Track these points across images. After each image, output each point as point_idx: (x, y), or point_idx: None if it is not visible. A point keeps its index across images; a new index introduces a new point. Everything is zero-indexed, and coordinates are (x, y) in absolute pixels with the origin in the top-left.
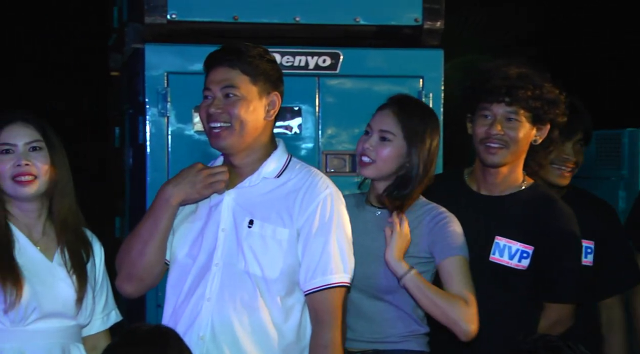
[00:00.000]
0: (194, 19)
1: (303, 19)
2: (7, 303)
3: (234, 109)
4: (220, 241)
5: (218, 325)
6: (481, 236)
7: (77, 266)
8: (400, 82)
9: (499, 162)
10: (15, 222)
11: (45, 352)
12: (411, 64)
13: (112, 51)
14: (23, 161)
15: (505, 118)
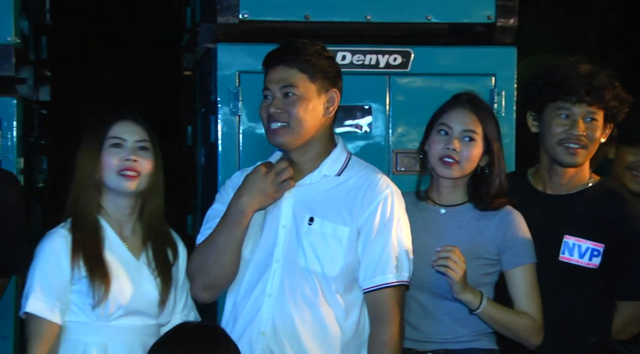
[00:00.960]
0: (266, 18)
1: (374, 18)
2: (96, 299)
3: (292, 109)
4: (280, 238)
5: (279, 321)
6: (549, 236)
7: (163, 267)
8: (472, 81)
9: (580, 162)
10: (107, 218)
11: (127, 348)
12: (483, 62)
13: (185, 51)
14: (132, 157)
15: (585, 118)
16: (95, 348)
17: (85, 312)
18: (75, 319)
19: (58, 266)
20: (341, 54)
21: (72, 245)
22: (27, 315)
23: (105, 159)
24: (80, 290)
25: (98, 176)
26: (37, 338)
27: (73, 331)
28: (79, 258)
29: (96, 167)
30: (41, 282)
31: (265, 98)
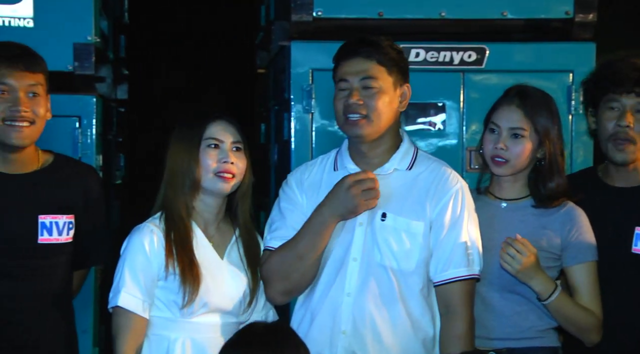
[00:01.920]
0: (339, 15)
1: (449, 14)
2: (185, 299)
3: (372, 101)
4: (357, 235)
5: (359, 320)
6: (621, 228)
7: (252, 266)
8: (549, 77)
9: (630, 159)
10: (196, 216)
11: (207, 345)
12: (561, 58)
13: (259, 49)
14: (229, 158)
15: (634, 110)
16: (179, 344)
17: (170, 308)
18: (159, 315)
19: (147, 261)
20: (414, 51)
21: (165, 243)
22: (117, 309)
23: (203, 160)
24: (167, 287)
25: (193, 176)
26: (127, 332)
27: (157, 326)
28: (172, 257)
29: (193, 167)
30: (131, 276)
31: (342, 90)
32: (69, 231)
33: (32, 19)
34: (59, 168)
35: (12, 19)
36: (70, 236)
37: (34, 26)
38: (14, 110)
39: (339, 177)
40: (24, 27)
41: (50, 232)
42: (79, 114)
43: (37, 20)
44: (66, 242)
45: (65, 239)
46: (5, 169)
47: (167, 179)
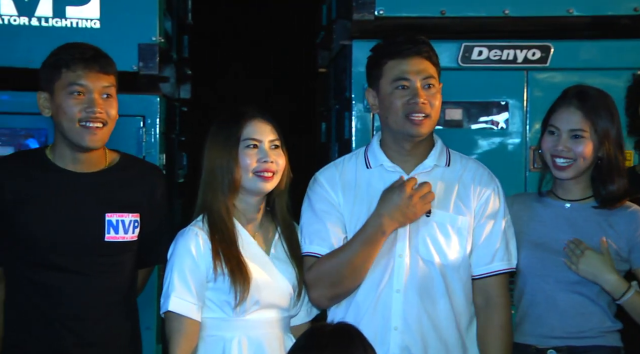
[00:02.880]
0: (401, 14)
1: (512, 12)
2: (237, 299)
3: (435, 101)
4: (401, 232)
5: (410, 315)
6: None
7: (296, 260)
8: (615, 75)
9: None
10: (238, 215)
11: (263, 341)
12: (628, 56)
13: (320, 48)
14: (269, 158)
15: None
16: (235, 343)
17: (223, 308)
18: (212, 316)
19: (195, 264)
20: (477, 50)
21: (211, 245)
22: (168, 314)
23: (242, 161)
24: (217, 288)
25: (233, 177)
26: (180, 336)
27: (211, 327)
28: (219, 258)
29: (232, 167)
30: (180, 280)
31: (402, 88)
32: (135, 229)
33: (98, 20)
34: (125, 167)
35: (79, 21)
36: (135, 234)
37: (100, 27)
38: (89, 111)
39: (372, 174)
40: (90, 28)
41: (117, 230)
42: (143, 114)
43: (103, 21)
44: (131, 241)
45: (130, 237)
46: (74, 168)
47: (205, 180)
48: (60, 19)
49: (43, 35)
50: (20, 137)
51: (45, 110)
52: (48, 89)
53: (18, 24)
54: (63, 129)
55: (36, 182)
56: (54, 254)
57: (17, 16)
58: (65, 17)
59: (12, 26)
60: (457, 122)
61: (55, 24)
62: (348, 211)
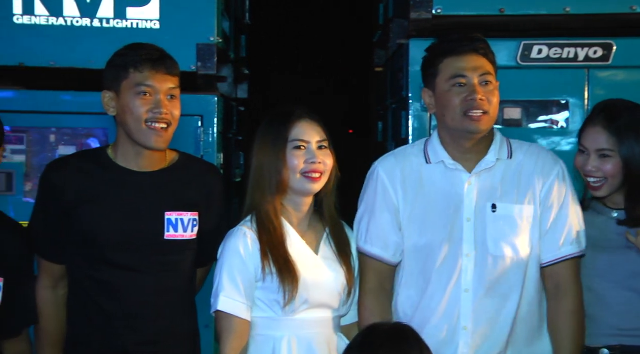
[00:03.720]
0: (459, 13)
1: (573, 9)
2: (286, 298)
3: (493, 98)
4: (467, 231)
5: (481, 314)
6: None
7: (346, 259)
8: None
9: None
10: (287, 215)
11: (312, 341)
12: None
13: (377, 48)
14: (317, 159)
15: None
16: (285, 343)
17: (272, 308)
18: (262, 315)
19: (244, 264)
20: (537, 48)
21: (260, 245)
22: (218, 313)
23: (290, 162)
24: (267, 287)
25: (281, 178)
26: (230, 335)
27: (261, 326)
28: (267, 258)
29: (280, 168)
30: (230, 280)
31: (459, 85)
32: (194, 228)
33: (158, 21)
34: (184, 167)
35: (139, 21)
36: (194, 233)
37: (160, 28)
38: (156, 112)
39: (433, 170)
40: (150, 29)
41: (176, 228)
42: (201, 113)
43: (163, 22)
44: (190, 239)
45: (189, 236)
46: (135, 167)
47: (254, 180)
48: (121, 20)
49: (104, 36)
50: (82, 137)
51: (111, 109)
52: (114, 89)
53: (80, 25)
54: (129, 129)
55: (98, 181)
56: (114, 252)
57: (79, 17)
58: (126, 18)
59: (74, 27)
60: (516, 121)
61: (116, 25)
62: (406, 206)
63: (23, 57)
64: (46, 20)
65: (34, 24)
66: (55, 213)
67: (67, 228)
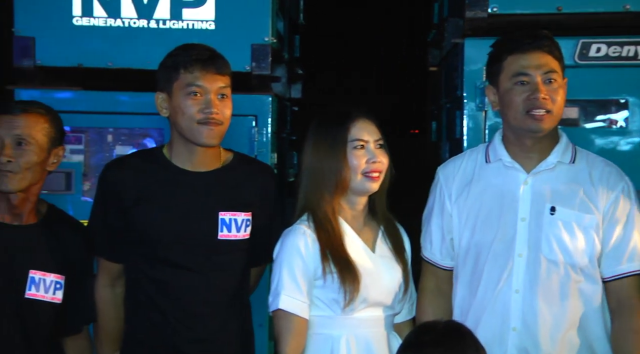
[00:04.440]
0: (515, 11)
1: (633, 7)
2: (347, 299)
3: (557, 96)
4: (521, 231)
5: (530, 316)
6: None
7: (401, 257)
8: None
9: None
10: (343, 214)
11: (370, 339)
12: None
13: (431, 47)
14: (377, 158)
15: None
16: (343, 341)
17: (331, 307)
18: (320, 314)
19: (303, 263)
20: (595, 47)
21: (319, 245)
22: (278, 312)
23: (351, 162)
24: (327, 287)
25: (341, 178)
26: (289, 333)
27: (319, 325)
28: (327, 259)
29: (340, 168)
30: (290, 279)
31: (522, 84)
32: (247, 228)
33: (213, 21)
34: (238, 167)
35: (195, 22)
36: (247, 233)
37: (215, 28)
38: (206, 112)
39: (491, 169)
40: (205, 30)
41: (229, 228)
42: (255, 113)
43: (218, 22)
44: (243, 239)
45: (242, 236)
46: (190, 167)
47: (310, 181)
48: (177, 21)
49: (160, 37)
50: (139, 137)
51: (163, 110)
52: (166, 90)
53: (137, 26)
54: (181, 128)
55: (154, 180)
56: (169, 251)
57: (136, 19)
58: (182, 19)
59: (131, 28)
60: (573, 120)
61: (172, 26)
62: (460, 206)
63: (82, 58)
64: (104, 22)
65: (93, 26)
66: (113, 212)
67: (124, 227)
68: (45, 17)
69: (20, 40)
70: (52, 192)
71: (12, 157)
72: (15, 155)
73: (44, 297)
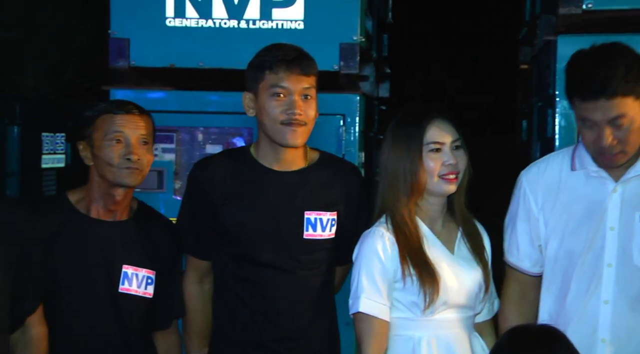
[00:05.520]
0: (612, 7)
1: None
2: (427, 301)
3: (626, 136)
4: (609, 240)
5: (619, 327)
6: None
7: (481, 257)
8: None
9: None
10: (422, 216)
11: (451, 341)
12: None
13: (522, 44)
14: (453, 160)
15: None
16: (424, 343)
17: (411, 309)
18: (400, 316)
19: (383, 265)
20: None
21: (398, 247)
22: (358, 315)
23: (427, 165)
24: (406, 290)
25: (417, 180)
26: (370, 337)
27: (400, 327)
28: (406, 261)
29: (416, 171)
30: (369, 282)
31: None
32: (332, 227)
33: (302, 21)
34: (324, 166)
35: (284, 22)
36: (333, 233)
37: (304, 28)
38: (289, 113)
39: (578, 178)
40: (295, 29)
41: (315, 228)
42: (343, 113)
43: (306, 22)
44: (329, 238)
45: (328, 235)
46: (277, 167)
47: (387, 182)
48: (267, 21)
49: (250, 37)
50: (228, 136)
51: (250, 110)
52: (253, 90)
53: (228, 26)
54: (266, 129)
55: (242, 179)
56: (256, 250)
57: (227, 19)
58: (271, 19)
59: (222, 29)
60: None
61: (262, 26)
62: (547, 215)
63: (174, 58)
64: (196, 23)
65: (185, 26)
66: (202, 211)
67: (212, 225)
68: (140, 19)
69: (116, 42)
70: (144, 191)
71: (140, 156)
72: (141, 153)
73: (136, 291)
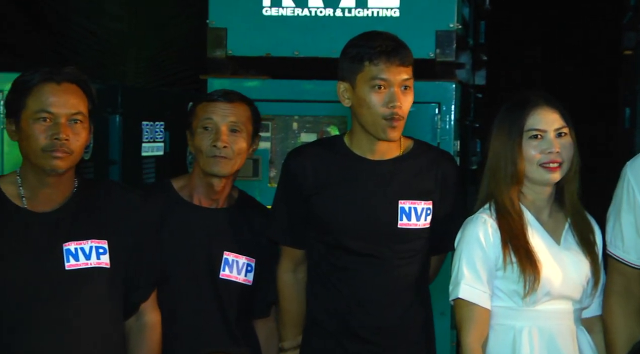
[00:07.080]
0: None
1: None
2: (527, 289)
3: None
4: None
5: None
6: None
7: (590, 250)
8: None
9: None
10: (527, 204)
11: (554, 333)
12: None
13: (627, 30)
14: (554, 148)
15: None
16: (525, 333)
17: (512, 298)
18: (501, 305)
19: (484, 252)
20: None
21: (500, 234)
22: (459, 301)
23: (527, 153)
24: (507, 277)
25: (516, 169)
26: (470, 323)
27: (500, 316)
28: (508, 248)
29: (515, 158)
30: (470, 268)
31: None
32: (427, 216)
33: (398, 8)
34: (418, 155)
35: (380, 10)
36: (428, 222)
37: (399, 16)
38: (391, 106)
39: None
40: (390, 17)
41: (409, 217)
42: (438, 101)
43: (402, 9)
44: (424, 228)
45: (423, 225)
46: (371, 156)
47: (489, 170)
48: (362, 9)
49: (346, 26)
50: (322, 125)
51: (345, 100)
52: (349, 80)
53: (323, 15)
54: (364, 121)
55: (335, 168)
56: (349, 239)
57: (322, 8)
58: (367, 7)
59: (318, 17)
60: None
61: (357, 14)
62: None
63: (270, 47)
64: (292, 11)
65: (281, 15)
66: (295, 200)
67: (306, 215)
68: (237, 9)
69: (214, 31)
70: (240, 179)
71: (228, 143)
72: (230, 141)
73: (237, 278)
